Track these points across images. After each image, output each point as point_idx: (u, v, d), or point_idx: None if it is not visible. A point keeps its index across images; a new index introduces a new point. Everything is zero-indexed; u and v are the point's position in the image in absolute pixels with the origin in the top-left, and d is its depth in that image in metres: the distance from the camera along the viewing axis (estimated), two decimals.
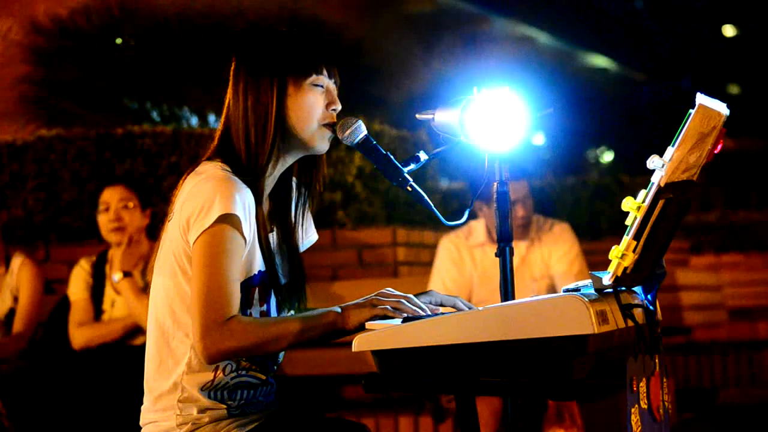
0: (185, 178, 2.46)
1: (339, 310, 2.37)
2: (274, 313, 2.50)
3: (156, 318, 2.45)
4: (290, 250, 2.56)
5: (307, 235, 2.65)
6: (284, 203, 2.58)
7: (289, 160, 2.54)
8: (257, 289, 2.45)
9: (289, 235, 2.57)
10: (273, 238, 2.54)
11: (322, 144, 2.52)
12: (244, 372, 2.46)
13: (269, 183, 2.52)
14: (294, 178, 2.61)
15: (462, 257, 4.81)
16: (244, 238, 2.37)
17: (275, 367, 2.56)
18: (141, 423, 2.50)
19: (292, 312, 2.56)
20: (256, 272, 2.45)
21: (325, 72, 2.51)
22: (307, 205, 2.62)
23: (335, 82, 2.54)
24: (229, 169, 2.43)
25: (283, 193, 2.58)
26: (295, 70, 2.47)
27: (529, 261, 4.76)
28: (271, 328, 2.34)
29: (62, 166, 6.15)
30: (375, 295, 2.40)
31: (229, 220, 2.34)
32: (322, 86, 2.50)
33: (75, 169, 6.13)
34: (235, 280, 2.35)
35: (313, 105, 2.49)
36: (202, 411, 2.43)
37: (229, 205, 2.34)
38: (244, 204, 2.37)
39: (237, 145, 2.47)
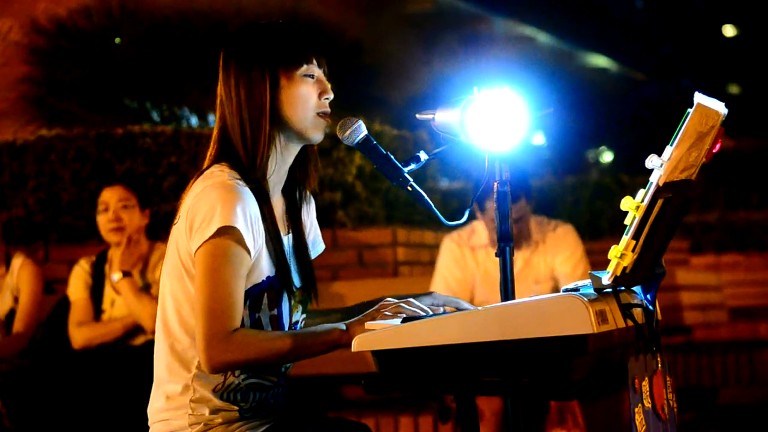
0: (194, 182, 2.44)
1: (344, 327, 2.37)
2: (285, 317, 2.49)
3: (164, 321, 2.44)
4: (302, 251, 2.55)
5: (314, 246, 2.65)
6: (295, 203, 2.57)
7: (292, 152, 2.52)
8: (266, 294, 2.44)
9: (300, 236, 2.56)
10: (289, 239, 2.53)
11: (317, 133, 2.51)
12: (253, 374, 2.46)
13: (276, 181, 2.51)
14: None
15: (464, 257, 4.80)
16: (247, 250, 2.36)
17: (284, 369, 2.55)
18: (150, 422, 2.48)
19: (304, 315, 2.56)
20: (265, 278, 2.44)
21: (315, 61, 2.49)
22: (308, 205, 2.61)
23: (324, 72, 2.53)
24: (237, 174, 2.41)
25: (291, 192, 2.57)
26: (286, 62, 2.46)
27: (533, 264, 4.75)
28: (274, 343, 2.34)
29: (62, 166, 6.15)
30: (376, 309, 2.40)
31: (229, 232, 2.33)
32: (313, 76, 2.49)
33: (75, 169, 6.13)
34: (239, 291, 2.35)
35: (307, 95, 2.47)
36: (214, 412, 2.43)
37: (229, 217, 2.33)
38: (246, 215, 2.35)
39: (235, 144, 2.46)
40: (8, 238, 5.23)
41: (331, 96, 2.51)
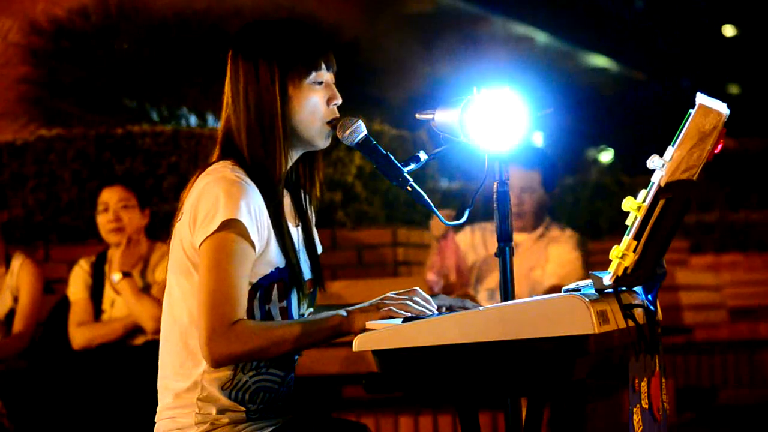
0: (196, 177, 2.44)
1: (344, 313, 2.37)
2: (294, 308, 2.49)
3: (173, 317, 2.44)
4: (310, 244, 2.57)
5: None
6: (299, 198, 2.57)
7: (295, 155, 2.53)
8: (276, 285, 2.44)
9: (308, 229, 2.58)
10: (299, 232, 2.54)
11: (325, 141, 2.51)
12: (264, 370, 2.46)
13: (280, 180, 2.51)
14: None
15: (474, 240, 4.80)
16: (252, 243, 2.36)
17: (295, 361, 2.54)
18: (157, 419, 2.48)
19: (311, 309, 2.56)
20: (274, 269, 2.43)
21: (323, 66, 2.49)
22: (311, 206, 2.62)
23: (333, 71, 2.52)
24: (241, 170, 2.42)
25: (295, 188, 2.58)
26: (294, 71, 2.45)
27: (533, 250, 4.75)
28: (275, 332, 2.34)
29: (62, 166, 6.14)
30: (381, 299, 2.40)
31: (233, 225, 2.34)
32: (321, 82, 2.49)
33: (75, 169, 6.13)
34: (241, 284, 2.34)
35: (316, 104, 2.47)
36: (221, 411, 2.43)
37: (233, 211, 2.33)
38: (250, 209, 2.36)
39: (239, 144, 2.46)
40: (8, 238, 5.22)
41: (339, 101, 2.51)
